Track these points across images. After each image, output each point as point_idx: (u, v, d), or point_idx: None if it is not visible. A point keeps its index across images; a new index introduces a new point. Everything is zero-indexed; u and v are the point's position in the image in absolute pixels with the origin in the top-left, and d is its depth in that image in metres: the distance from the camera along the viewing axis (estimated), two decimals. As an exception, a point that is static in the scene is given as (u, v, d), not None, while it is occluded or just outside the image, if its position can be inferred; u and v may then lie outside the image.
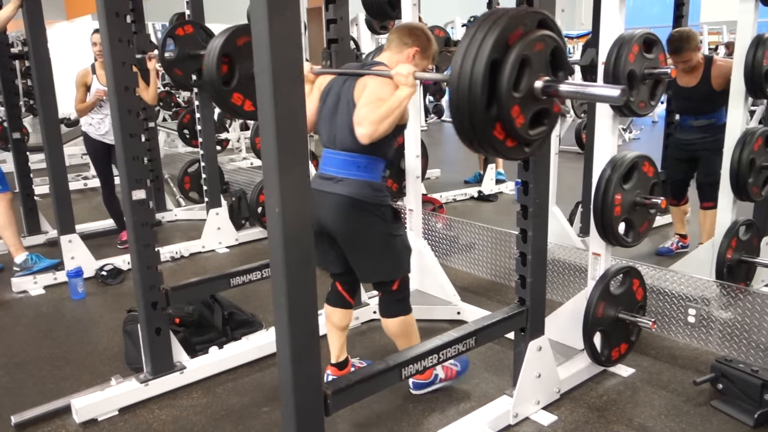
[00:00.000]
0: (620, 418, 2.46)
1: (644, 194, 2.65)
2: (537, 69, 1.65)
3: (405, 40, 2.36)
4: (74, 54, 9.21)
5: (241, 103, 2.76)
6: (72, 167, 7.24)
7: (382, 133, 2.11)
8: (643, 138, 9.43)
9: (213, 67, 2.65)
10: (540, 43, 1.64)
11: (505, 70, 1.59)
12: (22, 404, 2.62)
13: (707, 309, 2.95)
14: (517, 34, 1.61)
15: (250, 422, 2.49)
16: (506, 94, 1.60)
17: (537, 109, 1.70)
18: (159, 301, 2.64)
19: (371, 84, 2.22)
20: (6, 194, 4.02)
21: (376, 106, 2.11)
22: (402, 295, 2.45)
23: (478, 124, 1.63)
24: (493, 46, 1.56)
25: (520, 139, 1.71)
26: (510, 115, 1.63)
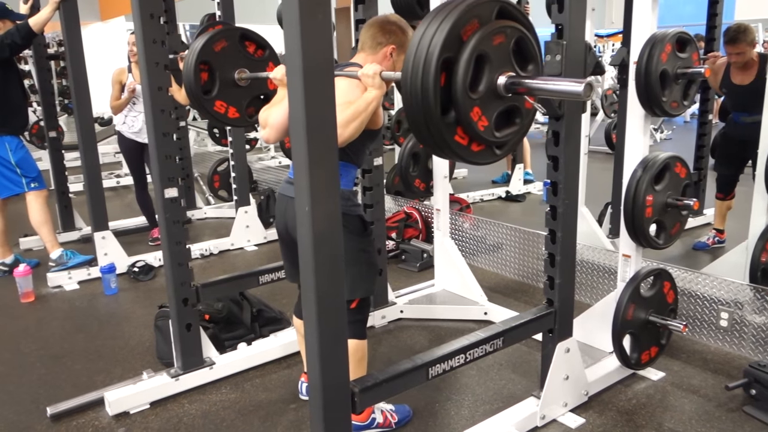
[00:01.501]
0: (649, 423, 2.43)
1: (676, 195, 2.61)
2: (498, 64, 1.52)
3: (379, 40, 2.21)
4: (108, 54, 9.39)
5: (225, 111, 2.68)
6: (105, 165, 7.40)
7: (348, 138, 1.95)
8: (675, 138, 9.27)
9: (191, 76, 2.56)
10: (499, 36, 1.50)
11: (459, 69, 1.45)
12: (57, 396, 2.70)
13: (740, 313, 2.89)
14: (472, 28, 1.47)
15: (277, 418, 2.52)
16: (462, 96, 1.47)
17: (503, 108, 1.57)
18: (189, 298, 2.69)
19: (340, 86, 2.04)
20: (42, 191, 4.12)
21: (342, 109, 1.93)
22: (360, 317, 2.26)
23: (435, 130, 1.51)
24: (443, 44, 1.42)
25: (486, 143, 1.58)
26: (469, 119, 1.50)
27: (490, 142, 1.59)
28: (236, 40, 2.67)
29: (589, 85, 1.49)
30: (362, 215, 2.23)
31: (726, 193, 4.24)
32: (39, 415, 2.58)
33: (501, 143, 1.62)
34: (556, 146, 2.24)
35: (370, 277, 2.27)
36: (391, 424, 2.40)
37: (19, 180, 3.99)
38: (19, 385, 2.83)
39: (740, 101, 4.01)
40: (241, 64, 2.69)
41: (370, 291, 2.27)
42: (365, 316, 2.32)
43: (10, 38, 3.74)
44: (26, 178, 4.01)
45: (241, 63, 2.69)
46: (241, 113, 2.75)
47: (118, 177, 7.21)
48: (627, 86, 2.61)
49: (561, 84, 1.55)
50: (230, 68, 2.66)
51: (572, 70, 2.14)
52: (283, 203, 2.26)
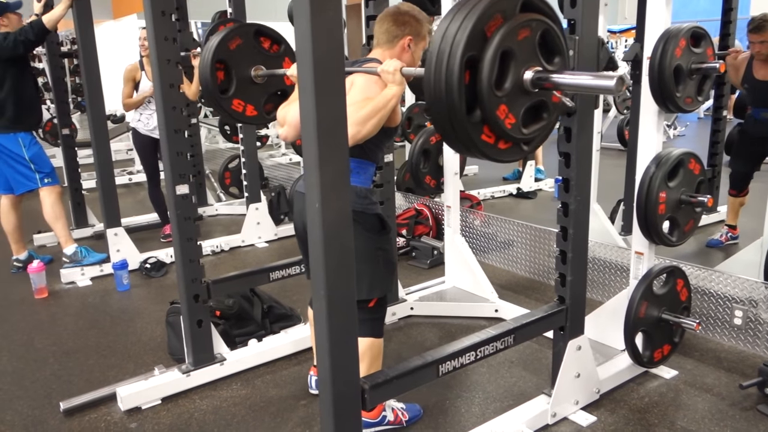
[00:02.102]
0: (662, 421, 2.41)
1: (690, 192, 2.58)
2: (524, 59, 1.46)
3: (394, 33, 2.18)
4: (120, 52, 9.45)
5: (242, 109, 2.67)
6: (118, 162, 7.44)
7: (366, 135, 1.93)
8: (688, 134, 9.19)
9: (207, 76, 2.55)
10: (525, 30, 1.44)
11: (484, 68, 1.40)
12: (69, 391, 2.72)
13: (755, 311, 2.86)
14: (496, 24, 1.41)
15: (288, 415, 2.53)
16: (488, 94, 1.42)
17: (530, 104, 1.53)
18: (200, 294, 2.70)
19: (358, 82, 2.06)
20: (56, 187, 4.13)
21: (361, 106, 1.94)
22: (378, 315, 2.26)
23: (461, 130, 1.47)
24: (467, 42, 1.38)
25: (513, 140, 1.54)
26: (496, 117, 1.46)
27: (518, 140, 1.55)
28: (251, 37, 2.65)
29: (621, 79, 1.43)
30: (380, 214, 2.21)
31: (739, 190, 4.20)
32: (52, 409, 2.61)
33: (528, 140, 1.58)
34: (568, 142, 2.23)
35: (388, 276, 2.26)
36: (402, 422, 2.40)
37: (33, 176, 4.00)
38: (33, 380, 2.86)
39: (762, 97, 3.94)
40: (257, 60, 2.67)
41: (387, 289, 2.26)
42: (383, 315, 2.31)
43: (23, 35, 3.77)
44: (40, 174, 4.02)
45: (257, 60, 2.67)
46: (259, 111, 2.73)
47: (130, 174, 7.25)
48: (640, 82, 2.58)
49: (591, 78, 1.49)
50: (246, 66, 2.64)
51: (585, 65, 2.13)
52: (301, 201, 2.24)
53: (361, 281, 2.12)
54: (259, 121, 2.81)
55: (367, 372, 2.13)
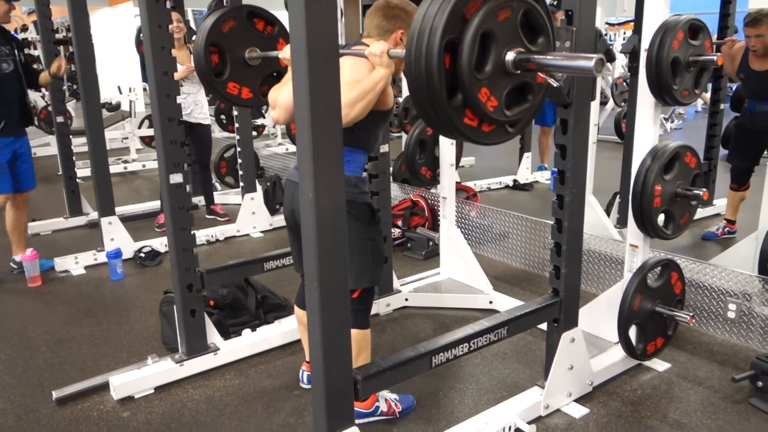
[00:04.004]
0: (654, 413, 2.42)
1: (685, 185, 2.58)
2: (505, 40, 1.44)
3: (385, 27, 2.14)
4: (116, 39, 9.38)
5: (238, 92, 2.64)
6: (113, 151, 7.42)
7: (355, 118, 1.92)
8: (685, 128, 9.19)
9: (201, 59, 2.52)
10: (505, 10, 1.41)
11: (464, 51, 1.37)
12: (62, 380, 2.71)
13: (748, 304, 2.87)
14: (475, 5, 1.38)
15: (281, 405, 2.53)
16: (468, 77, 1.39)
17: (513, 86, 1.50)
18: (194, 284, 2.69)
19: (346, 64, 2.01)
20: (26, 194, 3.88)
21: (350, 88, 1.91)
22: (363, 306, 2.24)
23: (443, 114, 1.46)
24: (445, 25, 1.35)
25: (497, 123, 1.52)
26: (478, 100, 1.44)
27: (502, 122, 1.53)
28: (244, 19, 2.62)
29: (601, 60, 1.42)
30: (370, 203, 2.20)
31: (741, 184, 4.18)
32: (45, 398, 2.60)
33: (513, 122, 1.56)
34: (564, 134, 2.22)
35: (377, 267, 2.25)
36: (395, 413, 2.40)
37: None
38: (26, 369, 2.85)
39: (758, 88, 3.91)
40: (251, 42, 2.64)
41: (375, 281, 2.25)
42: (368, 306, 2.31)
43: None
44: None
45: (251, 41, 2.64)
46: (254, 93, 2.71)
47: (125, 162, 7.21)
48: (638, 74, 2.57)
49: (571, 59, 1.48)
50: (240, 48, 2.61)
51: (581, 56, 2.11)
52: (291, 189, 2.23)
53: (354, 273, 2.12)
54: (255, 103, 2.79)
55: (355, 363, 2.09)
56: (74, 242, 4.57)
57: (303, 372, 2.65)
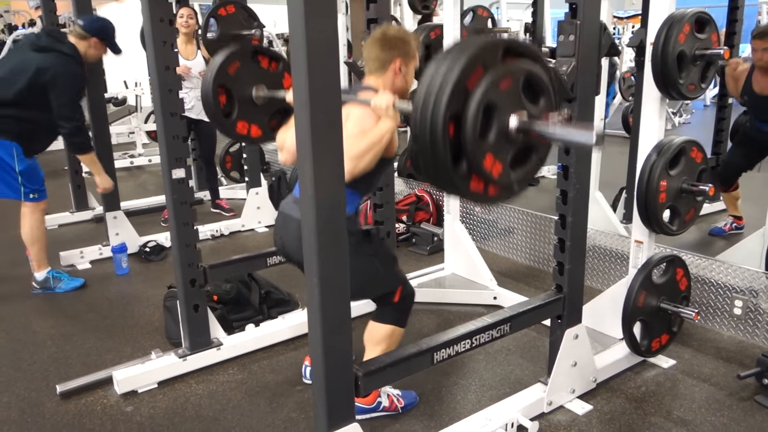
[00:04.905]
0: (658, 410, 2.40)
1: (691, 181, 2.55)
2: (508, 107, 1.46)
3: (383, 59, 2.18)
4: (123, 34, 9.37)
5: (247, 131, 2.66)
6: (119, 145, 7.43)
7: (363, 169, 1.96)
8: (694, 122, 9.11)
9: (210, 102, 2.56)
10: (507, 79, 1.44)
11: (467, 123, 1.40)
12: (66, 374, 2.73)
13: (755, 301, 2.84)
14: (477, 76, 1.41)
15: (283, 400, 2.53)
16: (473, 147, 1.42)
17: (516, 149, 1.52)
18: (197, 279, 2.69)
19: (354, 114, 2.06)
20: (41, 203, 3.61)
21: (356, 139, 1.95)
22: (403, 306, 2.31)
23: (449, 182, 1.49)
24: (449, 100, 1.38)
25: (503, 185, 1.55)
26: (483, 168, 1.46)
27: (507, 185, 1.56)
28: (249, 59, 2.64)
29: (602, 136, 1.42)
30: (361, 229, 2.24)
31: (728, 185, 4.13)
32: (49, 392, 2.61)
33: (518, 182, 1.58)
34: (568, 129, 2.19)
35: (392, 270, 2.29)
36: (397, 409, 2.40)
37: (18, 187, 3.48)
38: (30, 363, 2.86)
39: (761, 111, 3.86)
40: (257, 80, 2.66)
41: (400, 280, 2.30)
42: (409, 306, 2.34)
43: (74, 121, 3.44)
44: (26, 188, 3.50)
45: (256, 79, 2.66)
46: (263, 130, 2.73)
47: (131, 157, 7.23)
48: (644, 68, 2.55)
49: (572, 133, 1.48)
50: (247, 87, 2.64)
51: (586, 50, 2.09)
52: (281, 220, 2.27)
53: (373, 287, 2.24)
54: (265, 140, 2.82)
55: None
56: (80, 237, 4.59)
57: (306, 367, 2.65)
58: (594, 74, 2.19)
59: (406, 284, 2.32)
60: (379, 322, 2.29)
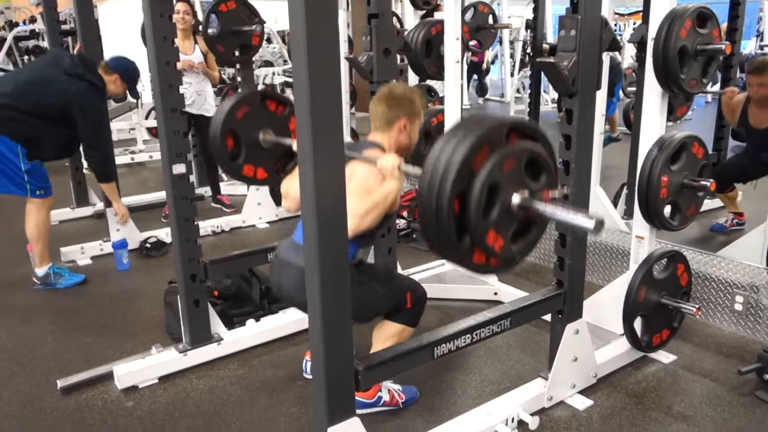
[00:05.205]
0: (659, 405, 2.40)
1: (692, 176, 2.55)
2: (511, 186, 1.53)
3: (389, 117, 2.25)
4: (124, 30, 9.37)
5: (253, 173, 2.69)
6: (120, 141, 7.43)
7: (367, 228, 2.02)
8: (695, 118, 9.09)
9: (219, 146, 2.59)
10: (510, 161, 1.51)
11: (472, 202, 1.47)
12: (67, 369, 2.73)
13: (756, 297, 2.84)
14: (482, 157, 1.48)
15: (284, 395, 2.53)
16: (476, 224, 1.49)
17: (518, 224, 1.59)
18: (198, 274, 2.69)
19: (359, 172, 2.11)
20: (47, 200, 3.62)
21: (362, 198, 2.00)
22: (417, 308, 2.33)
23: (453, 255, 1.56)
24: (455, 180, 1.45)
25: (505, 258, 1.62)
26: (486, 243, 1.53)
27: (508, 258, 1.62)
28: (257, 103, 2.66)
29: (601, 222, 1.49)
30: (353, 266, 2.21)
31: (723, 188, 4.10)
32: (50, 387, 2.61)
33: (518, 254, 1.64)
34: (569, 125, 2.20)
35: (393, 286, 2.30)
36: (398, 403, 2.40)
37: (24, 185, 3.49)
38: (31, 358, 2.87)
39: (759, 144, 3.85)
40: (264, 124, 2.67)
41: (404, 290, 2.30)
42: (422, 309, 2.36)
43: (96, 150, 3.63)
44: (32, 185, 3.52)
45: (263, 123, 2.67)
46: (269, 173, 2.75)
47: (132, 153, 7.22)
48: (645, 64, 2.54)
49: (572, 216, 1.54)
50: (254, 131, 2.66)
51: (587, 45, 2.09)
52: (279, 265, 2.28)
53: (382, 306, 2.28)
54: (270, 182, 2.83)
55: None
56: (80, 232, 4.59)
57: (306, 362, 2.65)
58: (595, 69, 2.18)
59: (414, 289, 2.34)
60: (391, 320, 2.31)
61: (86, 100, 3.46)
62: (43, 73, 3.47)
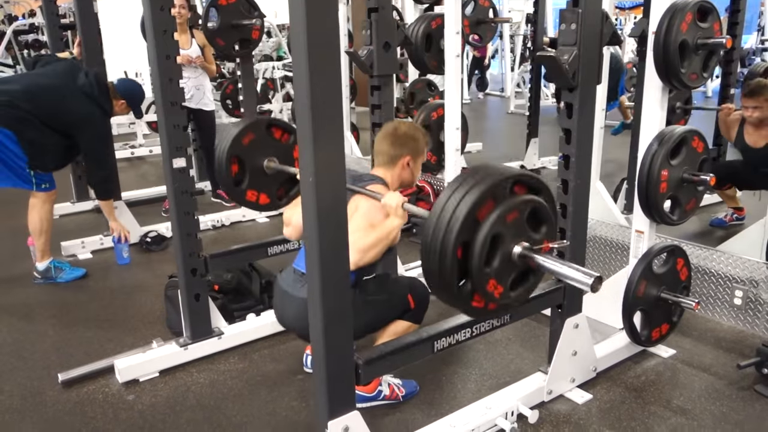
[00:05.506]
0: (658, 399, 2.41)
1: (692, 171, 2.55)
2: (513, 237, 1.59)
3: (393, 154, 2.30)
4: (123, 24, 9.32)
5: (256, 199, 2.75)
6: (120, 136, 7.42)
7: (368, 262, 2.04)
8: (695, 113, 9.07)
9: (223, 171, 2.64)
10: (513, 213, 1.57)
11: (475, 252, 1.53)
12: (68, 363, 2.74)
13: (755, 291, 2.84)
14: (487, 209, 1.54)
15: (284, 389, 2.54)
16: (478, 272, 1.55)
17: (517, 273, 1.64)
18: (198, 268, 2.69)
19: (363, 207, 2.14)
20: (52, 193, 3.65)
21: (365, 233, 2.03)
22: (420, 307, 2.35)
23: (453, 299, 1.61)
24: (460, 229, 1.51)
25: (502, 304, 1.67)
26: (486, 290, 1.58)
27: (507, 304, 1.68)
28: (263, 131, 2.69)
29: (599, 279, 1.54)
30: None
31: (720, 185, 4.07)
32: (51, 381, 2.62)
33: (516, 300, 1.69)
34: (569, 119, 2.19)
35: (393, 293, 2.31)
36: (398, 397, 2.41)
37: (30, 179, 3.50)
38: (32, 352, 2.88)
39: (758, 162, 3.84)
40: (269, 151, 2.71)
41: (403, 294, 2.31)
42: (425, 307, 2.38)
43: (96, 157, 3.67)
44: (37, 179, 3.53)
45: (269, 151, 2.71)
46: (271, 198, 2.80)
47: (132, 148, 7.22)
48: (646, 58, 2.54)
49: (571, 271, 1.59)
50: (259, 157, 2.70)
51: (588, 39, 2.09)
52: (280, 297, 2.30)
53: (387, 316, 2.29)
54: (272, 208, 2.86)
55: None
56: (81, 227, 4.60)
57: (307, 356, 2.66)
58: (596, 63, 2.18)
59: (414, 290, 2.34)
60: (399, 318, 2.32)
61: (97, 127, 3.58)
62: (59, 83, 3.51)
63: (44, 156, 3.51)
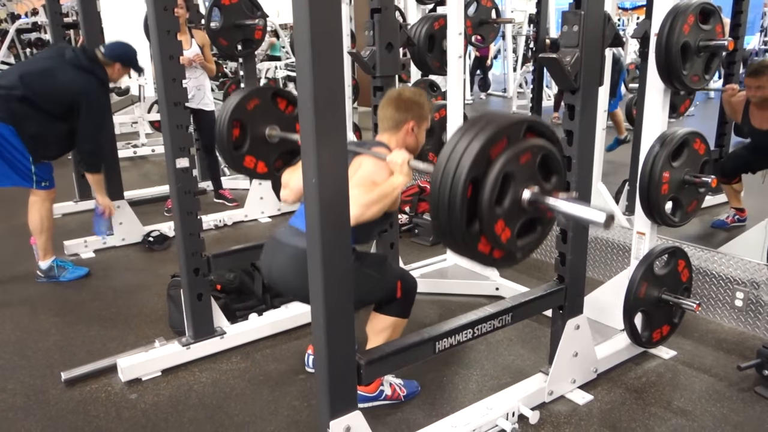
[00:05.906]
0: (659, 401, 2.42)
1: (694, 172, 2.55)
2: (524, 180, 1.57)
3: (397, 119, 2.29)
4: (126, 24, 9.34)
5: (254, 165, 2.73)
6: (123, 135, 7.44)
7: (369, 218, 2.01)
8: (697, 114, 9.08)
9: (224, 132, 2.62)
10: (526, 154, 1.55)
11: (486, 189, 1.51)
12: (71, 361, 2.75)
13: (756, 293, 2.85)
14: (500, 147, 1.52)
15: (286, 388, 2.55)
16: (487, 211, 1.53)
17: (525, 219, 1.63)
18: (201, 268, 2.70)
19: (366, 164, 2.14)
20: (51, 192, 3.65)
21: (368, 189, 2.02)
22: (407, 299, 2.35)
23: (460, 240, 1.58)
24: (472, 164, 1.48)
25: (508, 251, 1.65)
26: (494, 232, 1.56)
27: (512, 251, 1.66)
28: (268, 98, 2.69)
29: (612, 217, 1.51)
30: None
31: (730, 178, 4.12)
32: (53, 379, 2.63)
33: (522, 249, 1.67)
34: (571, 120, 2.20)
35: (385, 274, 2.30)
36: (399, 397, 2.42)
37: (30, 176, 3.51)
38: (35, 351, 2.89)
39: (763, 145, 3.85)
40: (272, 120, 2.70)
41: (394, 278, 2.31)
42: (411, 299, 2.38)
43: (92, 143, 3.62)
44: (38, 176, 3.53)
45: (271, 119, 2.70)
46: (269, 167, 2.78)
47: (134, 147, 7.24)
48: (648, 60, 2.54)
49: (583, 210, 1.57)
50: (261, 125, 2.69)
51: (590, 40, 2.09)
52: (271, 248, 2.27)
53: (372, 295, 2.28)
54: (269, 177, 2.85)
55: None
56: (84, 226, 4.59)
57: (309, 356, 2.67)
58: (598, 65, 2.18)
59: (404, 279, 2.35)
60: (381, 313, 2.33)
61: (96, 98, 3.52)
62: (49, 64, 3.49)
63: (46, 147, 3.52)
